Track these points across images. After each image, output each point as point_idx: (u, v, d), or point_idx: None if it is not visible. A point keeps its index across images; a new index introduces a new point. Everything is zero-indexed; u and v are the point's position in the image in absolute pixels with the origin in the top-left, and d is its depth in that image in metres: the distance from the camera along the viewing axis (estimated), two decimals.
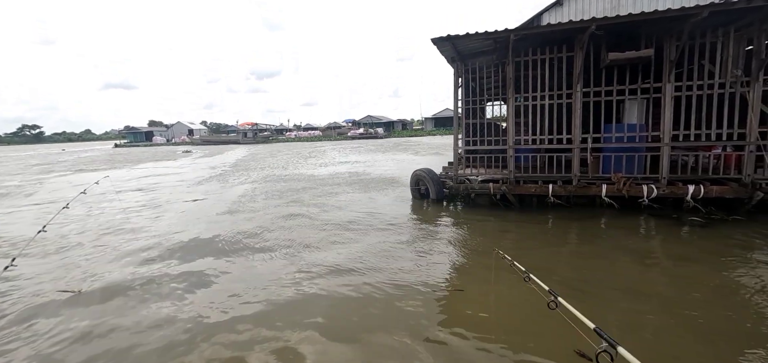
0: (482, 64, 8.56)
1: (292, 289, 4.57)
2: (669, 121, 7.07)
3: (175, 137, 73.48)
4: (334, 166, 19.21)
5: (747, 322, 3.53)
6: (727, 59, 6.79)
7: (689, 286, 4.34)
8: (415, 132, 65.81)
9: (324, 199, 10.26)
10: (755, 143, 6.67)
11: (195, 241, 6.79)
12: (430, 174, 9.16)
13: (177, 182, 15.52)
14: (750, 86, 6.67)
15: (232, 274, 5.17)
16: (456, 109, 8.76)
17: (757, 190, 6.62)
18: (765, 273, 4.55)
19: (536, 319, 3.63)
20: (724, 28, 6.75)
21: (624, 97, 7.50)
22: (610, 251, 5.67)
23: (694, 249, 5.56)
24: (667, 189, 7.03)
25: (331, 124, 77.51)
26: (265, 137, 64.63)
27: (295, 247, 6.19)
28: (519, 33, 7.10)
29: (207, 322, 3.89)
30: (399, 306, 4.07)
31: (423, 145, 34.82)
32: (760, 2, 5.80)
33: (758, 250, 5.30)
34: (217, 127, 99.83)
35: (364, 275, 4.91)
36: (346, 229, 7.18)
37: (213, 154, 35.50)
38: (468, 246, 6.06)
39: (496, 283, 4.48)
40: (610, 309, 3.89)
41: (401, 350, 3.28)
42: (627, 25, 6.75)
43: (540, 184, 7.87)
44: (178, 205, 10.25)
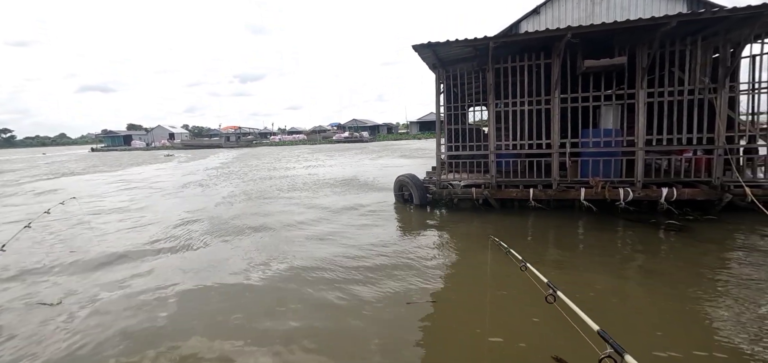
0: (463, 71, 8.67)
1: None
2: (643, 126, 7.30)
3: (155, 141, 71.71)
4: (318, 170, 19.09)
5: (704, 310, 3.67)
6: (696, 67, 7.07)
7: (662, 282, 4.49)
8: (400, 136, 66.11)
9: (308, 200, 10.18)
10: (723, 147, 6.96)
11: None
12: (414, 179, 9.20)
13: (162, 190, 15.12)
14: (717, 92, 6.96)
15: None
16: (438, 115, 8.84)
17: (725, 192, 6.90)
18: (719, 265, 4.75)
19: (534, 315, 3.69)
20: (692, 37, 7.03)
21: (600, 103, 7.72)
22: (589, 249, 5.82)
23: (668, 250, 5.76)
24: (642, 192, 7.26)
25: (316, 128, 77.10)
26: (248, 141, 63.74)
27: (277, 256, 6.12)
28: (498, 40, 7.23)
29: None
30: (381, 309, 4.07)
31: (408, 148, 34.96)
32: (723, 13, 6.06)
33: (728, 250, 5.52)
34: (199, 130, 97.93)
35: (345, 286, 4.88)
36: (327, 235, 7.14)
37: (195, 158, 34.77)
38: (455, 248, 6.11)
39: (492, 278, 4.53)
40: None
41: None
42: (601, 33, 6.96)
43: (521, 188, 8.00)
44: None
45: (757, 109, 7.19)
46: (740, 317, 3.69)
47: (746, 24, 6.34)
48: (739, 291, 4.23)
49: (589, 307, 3.74)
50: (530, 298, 3.88)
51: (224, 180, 17.11)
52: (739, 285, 4.38)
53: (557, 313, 2.02)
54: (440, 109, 8.84)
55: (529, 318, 3.83)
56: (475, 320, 3.85)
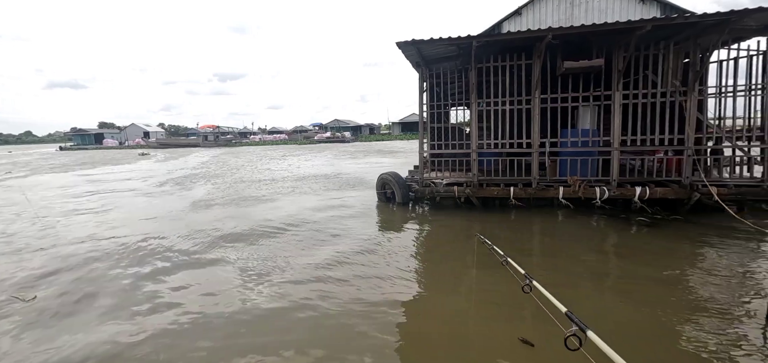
0: (446, 70, 8.72)
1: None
2: (618, 127, 7.53)
3: (129, 140, 69.11)
4: (300, 169, 18.84)
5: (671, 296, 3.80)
6: (668, 70, 7.35)
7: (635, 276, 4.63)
8: (382, 136, 66.13)
9: (289, 199, 10.00)
10: (692, 148, 7.25)
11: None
12: (396, 177, 9.18)
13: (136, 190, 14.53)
14: (687, 96, 7.25)
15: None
16: (421, 114, 8.85)
17: (694, 191, 7.18)
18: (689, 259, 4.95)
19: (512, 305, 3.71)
20: (665, 41, 7.31)
21: (578, 104, 7.91)
22: (566, 246, 5.94)
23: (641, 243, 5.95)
24: (617, 191, 7.47)
25: (297, 128, 76.19)
26: (227, 140, 62.28)
27: (265, 254, 5.97)
28: (481, 39, 7.30)
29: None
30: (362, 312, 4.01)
31: (391, 148, 35.01)
32: (694, 19, 6.32)
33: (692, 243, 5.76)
34: (175, 129, 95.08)
35: (330, 284, 4.80)
36: (314, 236, 7.02)
37: (173, 157, 33.68)
38: (438, 245, 6.11)
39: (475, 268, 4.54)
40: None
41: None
42: (580, 36, 7.14)
43: (502, 186, 8.10)
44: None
45: (724, 112, 7.54)
46: (694, 297, 3.84)
47: (715, 30, 6.63)
48: (696, 277, 4.41)
49: (569, 298, 3.78)
50: (510, 290, 3.91)
51: (202, 180, 16.63)
52: (697, 271, 4.57)
53: (535, 302, 2.12)
54: (423, 107, 8.86)
55: (507, 308, 3.86)
56: (454, 314, 3.84)
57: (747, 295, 4.12)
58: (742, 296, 4.08)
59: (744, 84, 7.29)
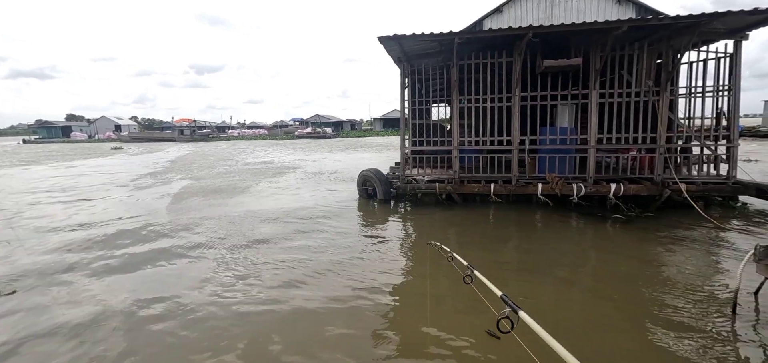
0: (428, 66, 8.68)
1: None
2: (595, 125, 7.69)
3: (99, 133, 66.18)
4: (280, 164, 18.47)
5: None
6: (642, 70, 7.55)
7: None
8: (364, 132, 65.83)
9: (269, 195, 9.76)
10: (663, 147, 7.49)
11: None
12: (378, 174, 9.09)
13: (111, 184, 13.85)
14: (659, 95, 7.48)
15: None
16: (403, 110, 8.79)
17: (665, 188, 7.43)
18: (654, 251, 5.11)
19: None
20: (639, 42, 7.50)
21: (557, 102, 8.03)
22: (543, 242, 6.03)
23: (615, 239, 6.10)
24: (593, 188, 7.64)
25: (277, 123, 74.84)
26: (204, 135, 60.50)
27: (233, 242, 5.77)
28: (463, 36, 7.29)
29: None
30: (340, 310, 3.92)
31: (372, 144, 34.89)
32: (668, 20, 6.50)
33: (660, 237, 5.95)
34: (149, 123, 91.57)
35: (307, 288, 4.68)
36: (294, 231, 6.86)
37: (145, 151, 32.40)
38: (415, 244, 6.07)
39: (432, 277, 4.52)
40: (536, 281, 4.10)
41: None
42: (559, 35, 7.23)
43: (483, 183, 8.15)
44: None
45: (693, 112, 7.82)
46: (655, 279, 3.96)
47: (686, 32, 6.84)
48: (664, 272, 4.55)
49: (534, 291, 3.77)
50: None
51: (177, 173, 16.06)
52: (665, 266, 4.72)
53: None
54: (405, 103, 8.80)
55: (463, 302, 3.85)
56: (428, 310, 3.81)
57: (712, 288, 4.27)
58: (707, 290, 4.22)
59: (712, 85, 7.58)
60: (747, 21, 6.68)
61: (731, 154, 7.54)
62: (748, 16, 6.31)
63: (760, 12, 6.13)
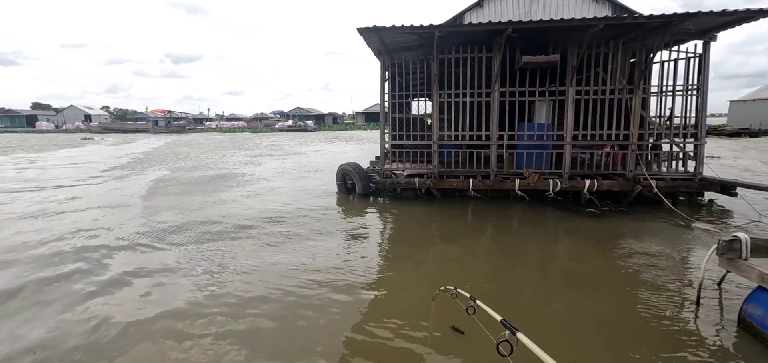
0: (408, 59, 8.61)
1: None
2: (571, 122, 7.81)
3: (67, 123, 63.13)
4: (259, 158, 18.08)
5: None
6: (617, 68, 7.71)
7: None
8: (346, 126, 65.35)
9: (243, 191, 9.50)
10: (635, 144, 7.70)
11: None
12: (357, 168, 8.99)
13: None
14: (632, 94, 7.66)
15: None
16: (382, 103, 8.70)
17: (637, 184, 7.64)
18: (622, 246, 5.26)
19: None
20: (614, 41, 7.65)
21: (535, 98, 8.12)
22: (519, 235, 6.10)
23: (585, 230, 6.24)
24: (568, 183, 7.78)
25: (257, 115, 73.37)
26: (180, 126, 58.61)
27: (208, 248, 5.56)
28: (443, 29, 7.24)
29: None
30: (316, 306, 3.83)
31: (354, 137, 34.65)
32: (642, 19, 6.65)
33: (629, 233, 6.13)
34: (122, 113, 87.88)
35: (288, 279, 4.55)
36: (273, 224, 6.68)
37: (117, 143, 31.09)
38: (394, 242, 6.02)
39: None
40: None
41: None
42: (538, 31, 7.29)
43: (462, 178, 8.18)
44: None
45: (664, 110, 8.06)
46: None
47: (659, 32, 7.02)
48: (634, 264, 4.68)
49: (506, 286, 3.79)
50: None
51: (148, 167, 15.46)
52: (634, 260, 4.86)
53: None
54: (385, 97, 8.71)
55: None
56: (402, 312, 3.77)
57: (679, 279, 4.41)
58: (674, 282, 4.35)
59: (682, 84, 7.82)
60: (716, 22, 6.90)
61: (698, 152, 7.81)
62: (717, 17, 6.51)
63: (728, 14, 6.34)
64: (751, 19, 6.67)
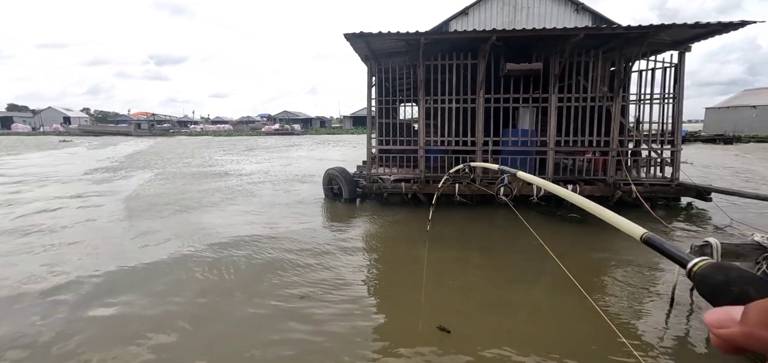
0: (395, 65, 8.67)
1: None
2: (554, 128, 7.99)
3: (45, 125, 61.20)
4: (245, 163, 17.86)
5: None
6: (597, 77, 7.93)
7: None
8: (333, 130, 65.19)
9: (229, 193, 9.38)
10: (616, 150, 7.92)
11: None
12: (344, 173, 8.98)
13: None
14: (612, 101, 7.88)
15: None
16: (369, 108, 8.73)
17: (617, 189, 7.85)
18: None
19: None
20: (594, 50, 7.87)
21: (519, 105, 8.28)
22: (504, 240, 6.19)
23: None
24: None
25: (244, 119, 72.60)
26: (164, 129, 57.55)
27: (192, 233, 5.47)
28: (429, 36, 7.33)
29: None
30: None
31: (342, 142, 34.57)
32: (620, 30, 6.87)
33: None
34: (103, 115, 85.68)
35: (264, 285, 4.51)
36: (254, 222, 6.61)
37: (95, 147, 30.26)
38: (381, 246, 6.04)
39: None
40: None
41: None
42: (522, 39, 7.45)
43: (448, 183, 8.25)
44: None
45: (642, 117, 8.32)
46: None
47: (636, 42, 7.25)
48: (612, 267, 4.81)
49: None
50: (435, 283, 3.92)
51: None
52: (613, 263, 4.99)
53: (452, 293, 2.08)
54: (372, 102, 8.74)
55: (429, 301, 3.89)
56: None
57: (654, 282, 4.56)
58: (650, 284, 4.50)
59: (659, 93, 8.10)
60: (690, 34, 7.18)
61: (675, 158, 8.08)
62: (691, 29, 6.78)
63: (701, 26, 6.61)
64: (722, 32, 6.97)
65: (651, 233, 0.69)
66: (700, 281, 0.45)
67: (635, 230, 0.71)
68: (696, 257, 0.48)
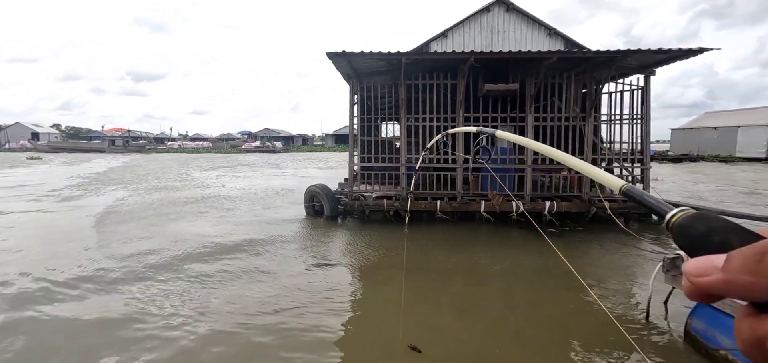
0: (377, 84, 8.80)
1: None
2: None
3: (12, 142, 58.35)
4: (226, 179, 17.49)
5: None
6: (570, 98, 8.28)
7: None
8: (315, 147, 64.96)
9: (209, 212, 9.13)
10: None
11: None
12: (325, 190, 8.94)
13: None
14: (585, 121, 8.22)
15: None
16: (351, 126, 8.79)
17: (592, 205, 8.11)
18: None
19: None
20: (567, 73, 8.23)
21: (498, 124, 8.51)
22: (486, 257, 6.25)
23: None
24: (530, 205, 8.13)
25: (224, 136, 71.45)
26: (139, 146, 55.85)
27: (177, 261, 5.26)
28: (410, 57, 7.50)
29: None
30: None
31: (324, 159, 34.43)
32: (590, 55, 7.23)
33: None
34: (75, 131, 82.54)
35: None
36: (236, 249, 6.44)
37: (68, 163, 29.00)
38: (362, 265, 5.99)
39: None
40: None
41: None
42: (499, 61, 7.72)
43: (429, 200, 8.33)
44: None
45: (613, 137, 8.69)
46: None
47: (605, 66, 7.64)
48: (590, 277, 4.93)
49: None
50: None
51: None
52: (591, 273, 5.12)
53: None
54: (354, 120, 8.81)
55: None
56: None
57: (629, 296, 4.69)
58: (626, 298, 4.62)
59: (628, 113, 8.50)
60: (654, 59, 7.62)
61: (645, 176, 8.44)
62: (654, 54, 7.21)
63: (663, 52, 7.04)
64: (683, 58, 7.44)
65: (630, 185, 0.72)
66: (678, 232, 0.44)
67: (615, 182, 0.75)
68: (675, 209, 0.48)
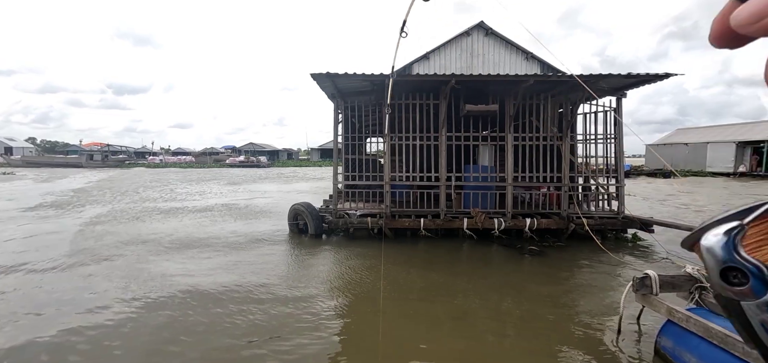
0: (361, 103, 8.96)
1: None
2: (511, 165, 8.48)
3: None
4: (208, 197, 17.21)
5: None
6: (547, 118, 8.60)
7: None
8: (301, 162, 64.66)
9: (190, 230, 8.98)
10: (567, 185, 8.50)
11: None
12: (309, 208, 8.94)
13: None
14: (562, 140, 8.54)
15: None
16: (336, 144, 8.88)
17: (570, 222, 8.36)
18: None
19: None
20: (544, 94, 8.57)
21: (479, 143, 8.76)
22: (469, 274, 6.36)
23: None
24: (511, 222, 8.32)
25: (207, 150, 70.46)
26: (119, 161, 54.50)
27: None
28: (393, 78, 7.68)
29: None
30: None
31: (309, 175, 34.31)
32: (564, 78, 7.56)
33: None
34: (51, 146, 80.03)
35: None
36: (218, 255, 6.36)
37: (44, 180, 28.02)
38: (344, 285, 6.01)
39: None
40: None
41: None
42: (479, 83, 8.00)
43: (413, 218, 8.44)
44: None
45: (589, 155, 9.03)
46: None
47: (579, 88, 7.98)
48: (563, 293, 5.08)
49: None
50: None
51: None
52: (565, 289, 5.28)
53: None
54: (338, 138, 8.91)
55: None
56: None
57: (602, 314, 4.85)
58: (598, 316, 4.78)
59: (602, 133, 8.87)
60: (623, 83, 8.03)
61: (619, 193, 8.78)
62: (624, 79, 7.60)
63: (632, 76, 7.43)
64: (650, 82, 7.86)
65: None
66: None
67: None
68: None
